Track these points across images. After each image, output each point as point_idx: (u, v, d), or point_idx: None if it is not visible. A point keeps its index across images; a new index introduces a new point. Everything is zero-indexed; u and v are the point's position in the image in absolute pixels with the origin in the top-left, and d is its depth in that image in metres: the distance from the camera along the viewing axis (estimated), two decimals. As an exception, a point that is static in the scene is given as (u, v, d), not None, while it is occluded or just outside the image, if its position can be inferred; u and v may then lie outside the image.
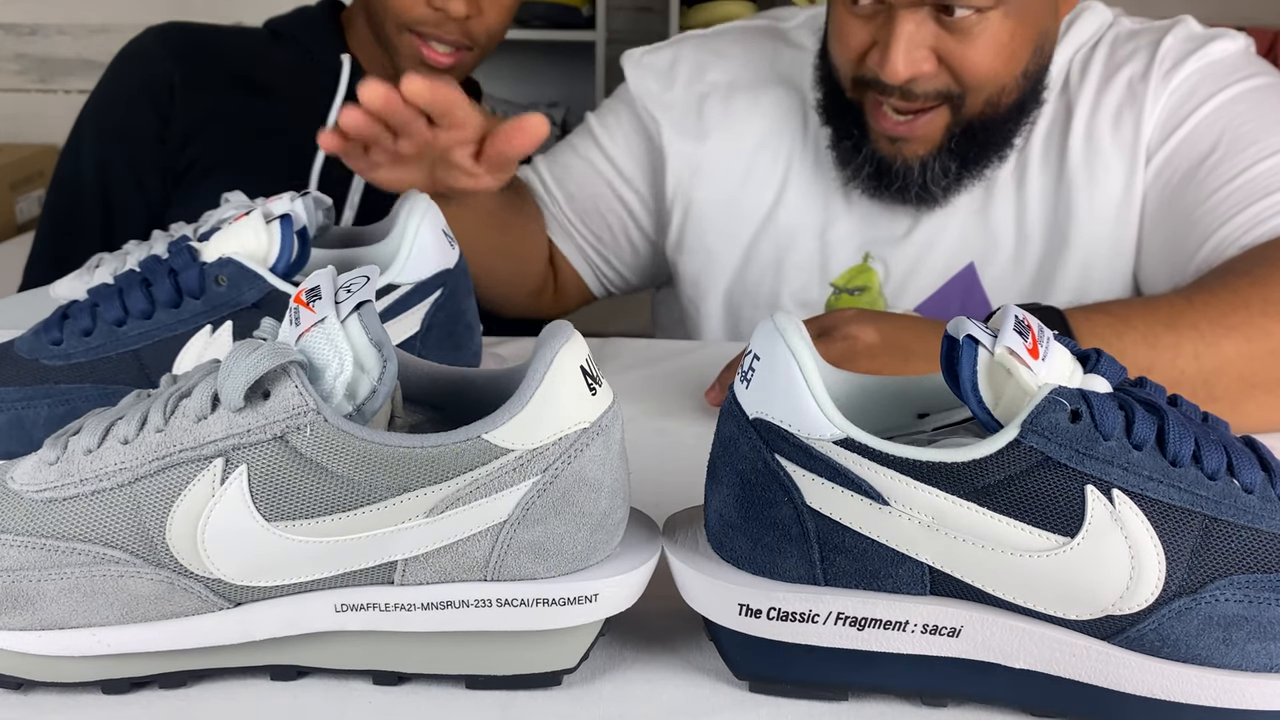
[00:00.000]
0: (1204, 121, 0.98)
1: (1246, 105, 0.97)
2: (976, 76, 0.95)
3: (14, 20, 2.71)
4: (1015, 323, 0.46)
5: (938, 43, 0.93)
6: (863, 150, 1.02)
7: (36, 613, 0.47)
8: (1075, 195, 1.03)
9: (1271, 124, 0.95)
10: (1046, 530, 0.44)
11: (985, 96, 0.96)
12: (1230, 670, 0.44)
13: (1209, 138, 0.97)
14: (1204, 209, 0.94)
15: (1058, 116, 1.05)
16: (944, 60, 0.94)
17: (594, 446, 0.47)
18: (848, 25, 0.97)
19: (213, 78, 1.30)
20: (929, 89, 0.95)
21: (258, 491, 0.45)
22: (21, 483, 0.48)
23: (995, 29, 0.92)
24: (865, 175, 1.03)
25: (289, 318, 0.47)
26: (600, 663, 0.51)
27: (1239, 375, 0.76)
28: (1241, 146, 0.94)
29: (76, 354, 0.67)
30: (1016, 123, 1.02)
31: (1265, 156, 0.93)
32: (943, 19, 0.92)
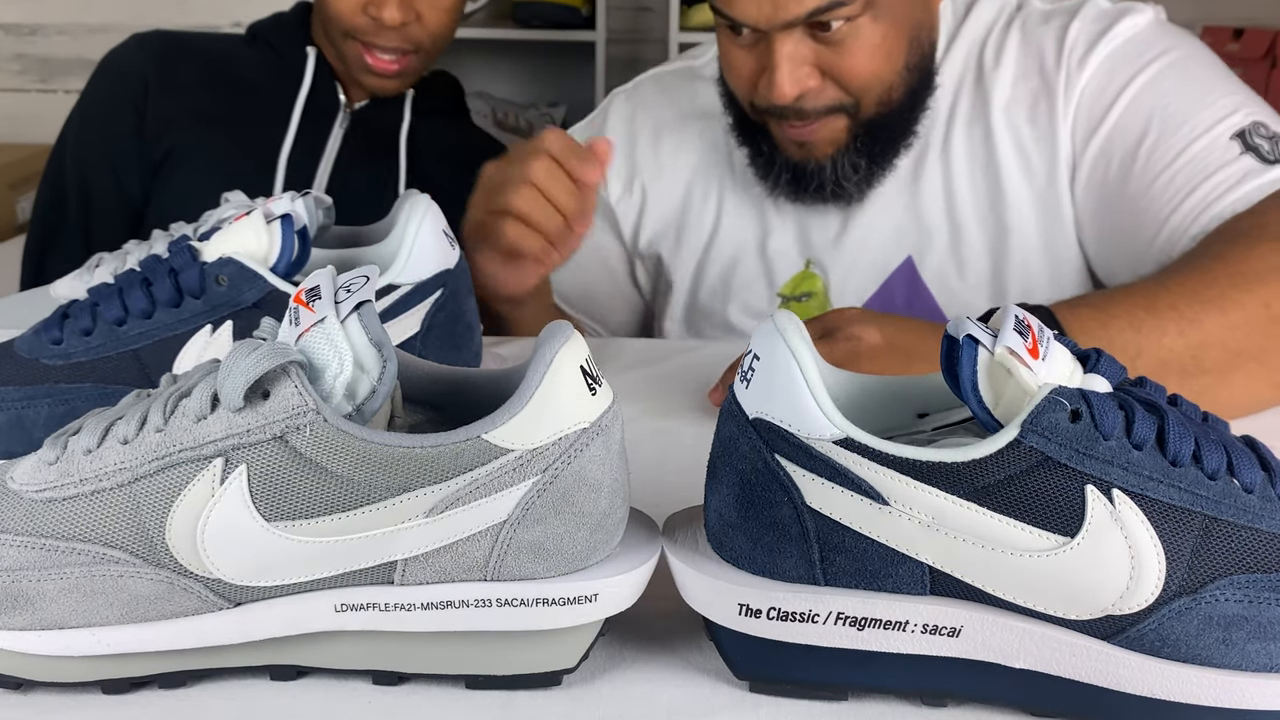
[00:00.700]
0: (1129, 108, 0.99)
1: (1169, 84, 0.98)
2: (860, 82, 0.98)
3: (14, 20, 2.71)
4: (1015, 322, 0.46)
5: (817, 58, 0.96)
6: (776, 161, 1.07)
7: (36, 613, 0.47)
8: (1005, 183, 1.05)
9: (1197, 98, 0.97)
10: (1046, 530, 0.44)
11: (875, 98, 1.00)
12: (1230, 670, 0.44)
13: (1138, 124, 0.98)
14: (1150, 197, 0.95)
15: (977, 105, 1.07)
16: (827, 73, 0.97)
17: (594, 446, 0.47)
18: (734, 56, 1.01)
19: (187, 75, 1.37)
20: (819, 104, 0.99)
21: (257, 491, 0.45)
22: (21, 482, 0.48)
23: (867, 34, 0.96)
24: (784, 182, 1.07)
25: (289, 318, 0.47)
26: (600, 663, 0.51)
27: (1223, 346, 0.77)
28: (1173, 128, 0.96)
29: (77, 353, 0.67)
30: (913, 113, 1.05)
31: (1198, 135, 0.94)
32: (817, 35, 0.95)
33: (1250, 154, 0.92)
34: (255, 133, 1.34)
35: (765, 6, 0.93)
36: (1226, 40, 2.42)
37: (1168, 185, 0.94)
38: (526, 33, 2.69)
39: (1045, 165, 1.04)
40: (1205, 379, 0.77)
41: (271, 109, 1.35)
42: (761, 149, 1.07)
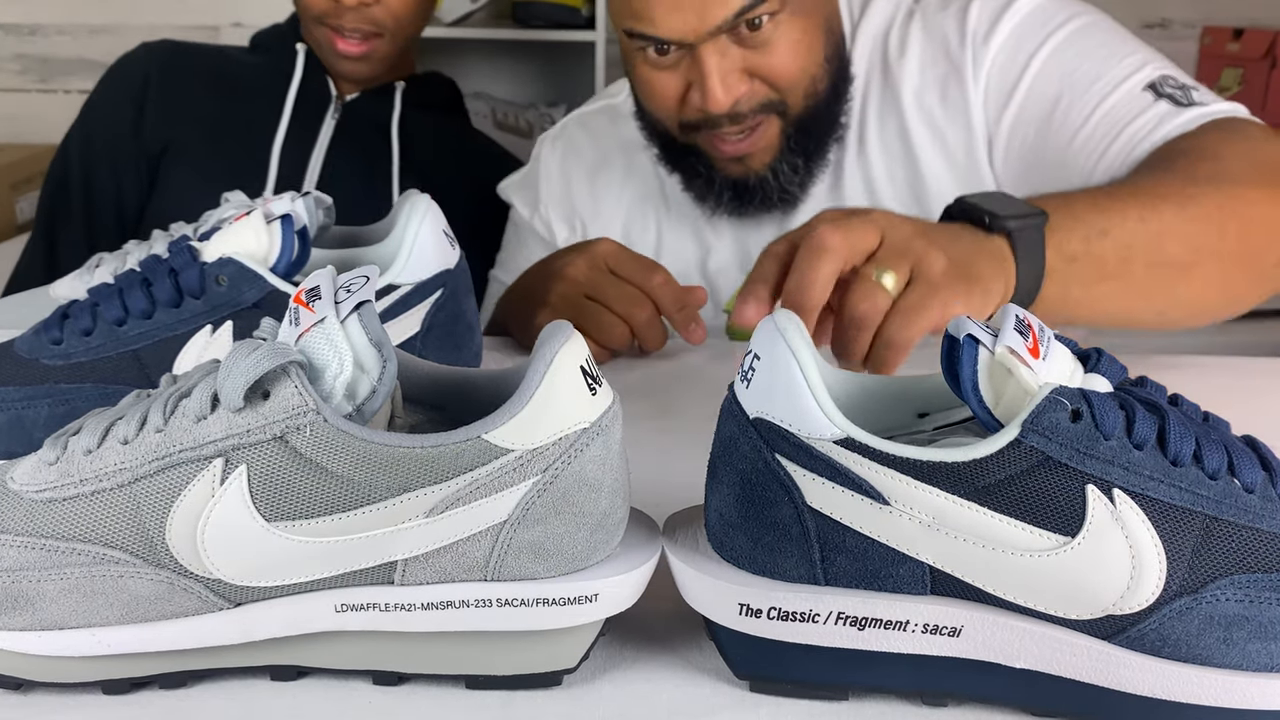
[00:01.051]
0: (1038, 78, 1.01)
1: (1075, 49, 1.00)
2: (788, 78, 0.99)
3: (14, 20, 2.71)
4: (1016, 322, 0.46)
5: (744, 62, 0.98)
6: (715, 180, 1.08)
7: (36, 613, 0.47)
8: (924, 169, 1.07)
9: (1104, 59, 0.98)
10: (1047, 530, 0.44)
11: (802, 93, 1.01)
12: (1231, 670, 0.44)
13: (1050, 89, 1.00)
14: (1071, 154, 0.97)
15: (886, 98, 1.09)
16: (755, 74, 0.99)
17: (594, 446, 0.47)
18: (656, 80, 1.01)
19: (188, 78, 1.42)
20: (753, 105, 1.00)
21: (257, 492, 0.45)
22: (21, 483, 0.48)
23: (787, 30, 0.97)
24: (727, 201, 1.09)
25: (288, 318, 0.47)
26: (600, 662, 0.51)
27: (1183, 238, 0.79)
28: (1084, 87, 0.98)
29: (77, 354, 0.67)
30: (838, 103, 1.07)
31: (1110, 91, 0.96)
32: (741, 36, 0.96)
33: (1164, 101, 0.94)
34: (249, 126, 1.38)
35: (690, 17, 0.93)
36: (1226, 40, 2.42)
37: (1087, 141, 0.96)
38: (526, 33, 2.69)
39: (962, 143, 1.05)
40: (1168, 270, 0.78)
41: (265, 103, 1.39)
42: (698, 170, 1.08)
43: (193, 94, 1.41)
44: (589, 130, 1.24)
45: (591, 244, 0.95)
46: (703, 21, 0.93)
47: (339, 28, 1.33)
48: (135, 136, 1.39)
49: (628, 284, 0.91)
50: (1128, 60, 0.98)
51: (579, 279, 0.93)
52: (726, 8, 0.93)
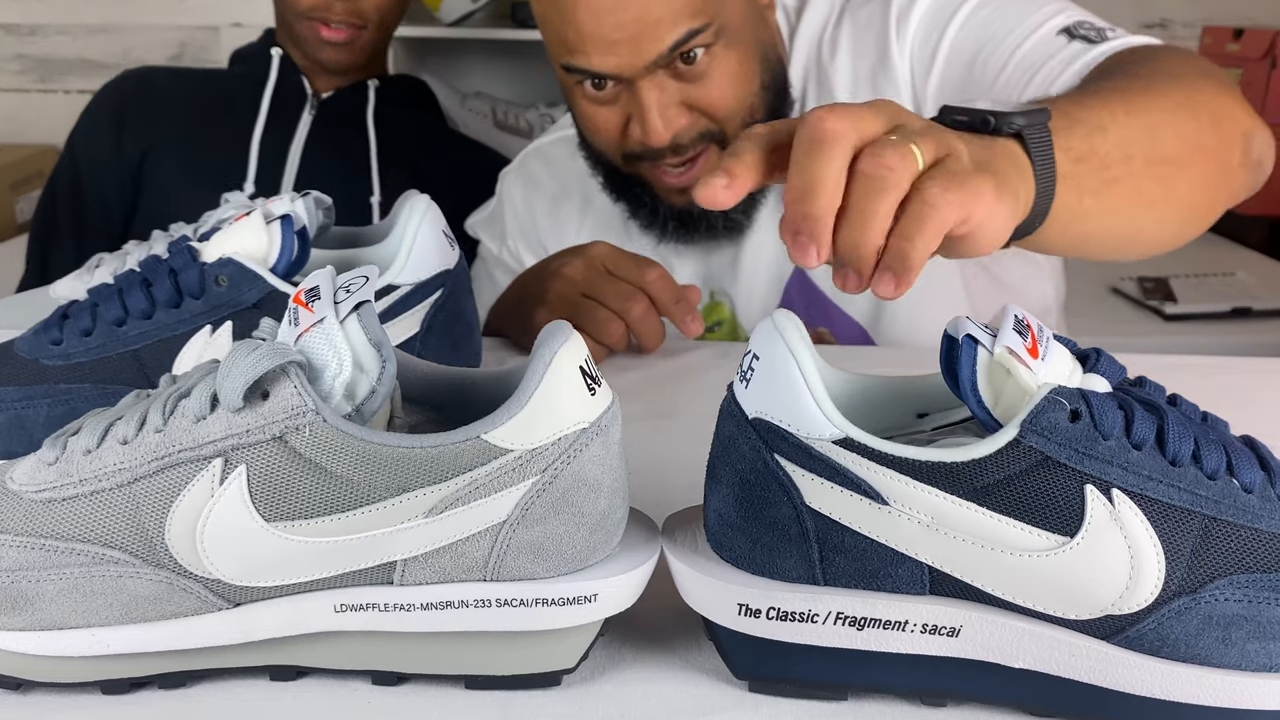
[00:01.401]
0: (957, 38, 1.01)
1: (988, 10, 1.00)
2: (725, 109, 0.99)
3: (14, 20, 2.71)
4: (1015, 322, 0.46)
5: (682, 95, 0.97)
6: (659, 211, 1.07)
7: (36, 613, 0.47)
8: None
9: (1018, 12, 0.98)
10: (1046, 530, 0.44)
11: (740, 122, 1.00)
12: (1230, 670, 0.44)
13: (967, 48, 1.00)
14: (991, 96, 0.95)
15: (822, 99, 1.08)
16: (693, 107, 0.98)
17: (593, 446, 0.47)
18: (596, 113, 1.01)
19: (165, 90, 1.50)
20: (692, 136, 0.99)
21: (257, 492, 0.45)
22: (20, 483, 0.48)
23: (723, 62, 0.97)
24: (673, 230, 1.09)
25: (288, 318, 0.47)
26: (600, 662, 0.51)
27: (1172, 130, 0.75)
28: (999, 39, 0.97)
29: (76, 354, 0.67)
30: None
31: (1025, 38, 0.95)
32: (679, 71, 0.95)
33: (1078, 41, 0.92)
34: (227, 127, 1.44)
35: (625, 53, 0.93)
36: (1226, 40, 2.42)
37: (1005, 85, 0.95)
38: (526, 33, 2.69)
39: None
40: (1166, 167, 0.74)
41: (242, 105, 1.46)
42: (643, 200, 1.08)
43: (171, 103, 1.48)
44: (547, 161, 1.24)
45: (587, 246, 0.96)
46: (638, 57, 0.93)
47: (325, 19, 1.39)
48: (117, 149, 1.46)
49: (623, 281, 0.92)
50: (1043, 10, 0.97)
51: (575, 278, 0.94)
52: (661, 43, 0.92)
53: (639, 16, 0.91)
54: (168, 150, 1.45)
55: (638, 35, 0.92)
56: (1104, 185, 0.69)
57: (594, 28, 0.92)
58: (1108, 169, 0.69)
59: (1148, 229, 0.79)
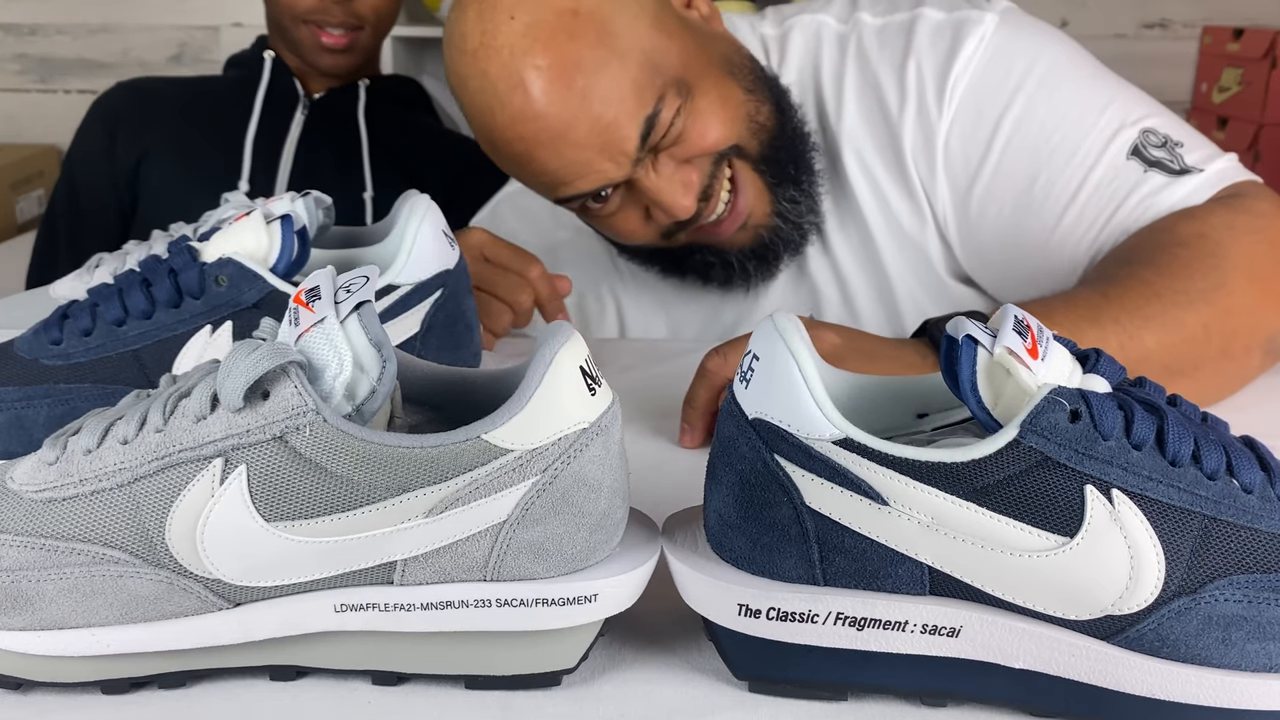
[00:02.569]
0: (1009, 149, 0.93)
1: (1042, 111, 0.93)
2: (725, 141, 0.93)
3: (14, 20, 2.71)
4: (1014, 323, 0.46)
5: (680, 157, 0.92)
6: (732, 260, 1.01)
7: (36, 613, 0.47)
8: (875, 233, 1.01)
9: (1077, 122, 0.92)
10: (1046, 530, 0.44)
11: (749, 133, 0.95)
12: (1230, 670, 0.44)
13: (1023, 165, 0.93)
14: (1058, 236, 0.91)
15: (826, 152, 1.02)
16: (693, 158, 0.92)
17: (593, 446, 0.47)
18: (614, 223, 0.96)
19: (160, 99, 1.53)
20: (708, 174, 0.93)
21: (257, 492, 0.45)
22: (21, 482, 0.48)
23: (698, 109, 0.91)
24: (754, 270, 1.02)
25: (288, 318, 0.47)
26: (600, 663, 0.51)
27: (1161, 365, 0.76)
28: (1063, 161, 0.91)
29: (76, 354, 0.67)
30: (789, 115, 1.00)
31: (1093, 164, 0.90)
32: (663, 146, 0.90)
33: (1154, 170, 0.88)
34: (221, 129, 1.48)
35: (602, 164, 0.88)
36: (1226, 40, 2.42)
37: (1075, 225, 0.90)
38: (526, 33, 2.68)
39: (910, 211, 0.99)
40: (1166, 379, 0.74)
41: (235, 108, 1.48)
42: (711, 262, 1.02)
43: (164, 110, 1.51)
44: (521, 214, 1.18)
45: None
46: (616, 162, 0.89)
47: (323, 23, 1.41)
48: (110, 159, 1.49)
49: (511, 273, 0.94)
50: (1103, 121, 0.91)
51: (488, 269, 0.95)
52: (629, 141, 0.88)
53: (592, 129, 0.86)
54: (162, 155, 1.47)
55: (604, 145, 0.87)
56: None
57: (558, 160, 0.88)
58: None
59: None
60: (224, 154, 1.46)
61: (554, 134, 0.86)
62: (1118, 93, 0.94)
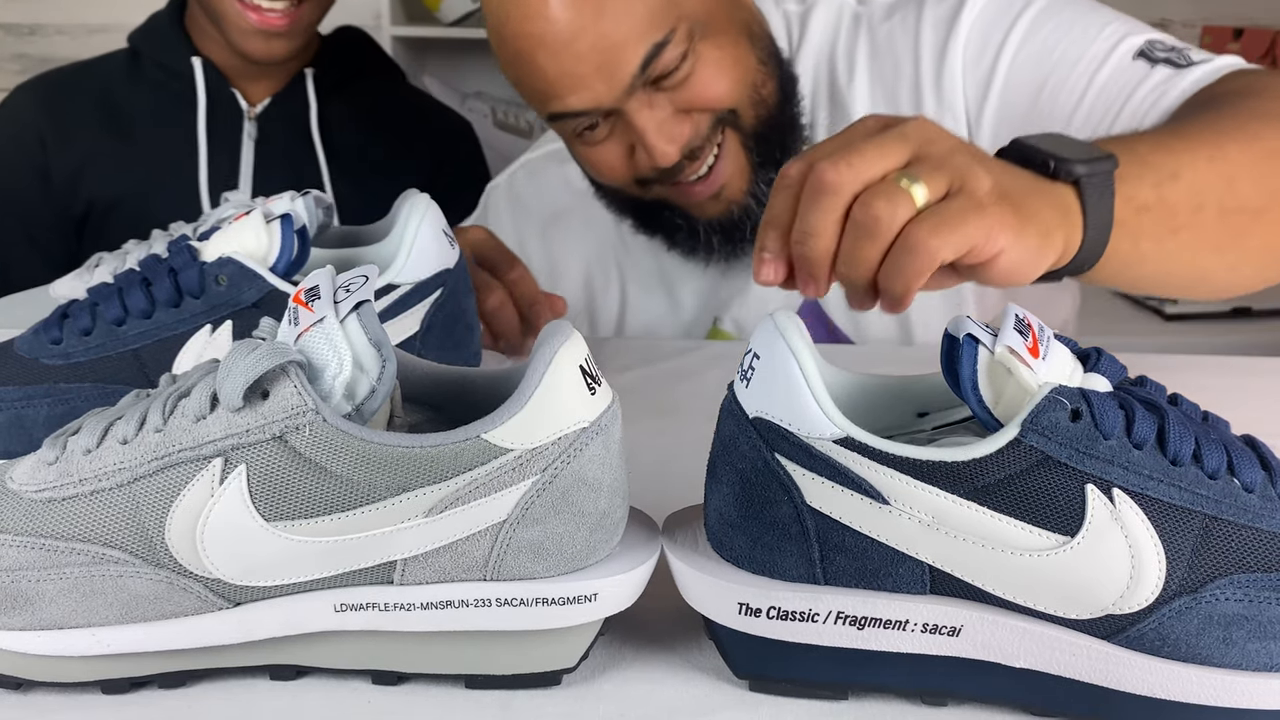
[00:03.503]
0: (1014, 65, 0.95)
1: (1046, 30, 0.95)
2: (727, 99, 0.94)
3: (14, 20, 2.70)
4: (1015, 322, 0.46)
5: (676, 104, 0.92)
6: (699, 229, 1.02)
7: (36, 612, 0.47)
8: None
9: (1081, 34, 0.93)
10: (1047, 529, 0.44)
11: (749, 102, 0.96)
12: (1230, 669, 0.44)
13: (1030, 75, 0.94)
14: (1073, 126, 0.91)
15: (837, 121, 1.03)
16: (691, 110, 0.93)
17: (593, 446, 0.47)
18: (598, 154, 0.96)
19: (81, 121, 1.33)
20: (703, 134, 0.94)
21: (257, 491, 0.45)
22: (20, 482, 0.48)
23: (706, 56, 0.91)
24: (718, 245, 1.02)
25: (288, 317, 0.47)
26: (600, 662, 0.51)
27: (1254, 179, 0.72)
28: (1068, 66, 0.92)
29: (76, 353, 0.67)
30: (791, 102, 1.01)
31: (1099, 66, 0.91)
32: (663, 83, 0.90)
33: (1161, 65, 0.88)
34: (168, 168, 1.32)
35: (598, 85, 0.88)
36: (1226, 40, 2.42)
37: (1087, 117, 0.90)
38: (526, 33, 2.68)
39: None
40: (1241, 217, 0.71)
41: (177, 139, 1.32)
42: (678, 224, 1.02)
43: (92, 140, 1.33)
44: (537, 181, 1.18)
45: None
46: (612, 85, 0.89)
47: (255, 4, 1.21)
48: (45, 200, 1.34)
49: (484, 273, 0.89)
50: (1107, 30, 0.92)
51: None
52: (629, 65, 0.88)
53: (595, 45, 0.87)
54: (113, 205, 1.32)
55: (603, 64, 0.87)
56: (1167, 234, 0.68)
57: (556, 67, 0.88)
58: (1174, 218, 0.68)
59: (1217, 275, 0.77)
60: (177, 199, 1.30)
61: (559, 40, 0.87)
62: (1120, 16, 0.96)
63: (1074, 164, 0.62)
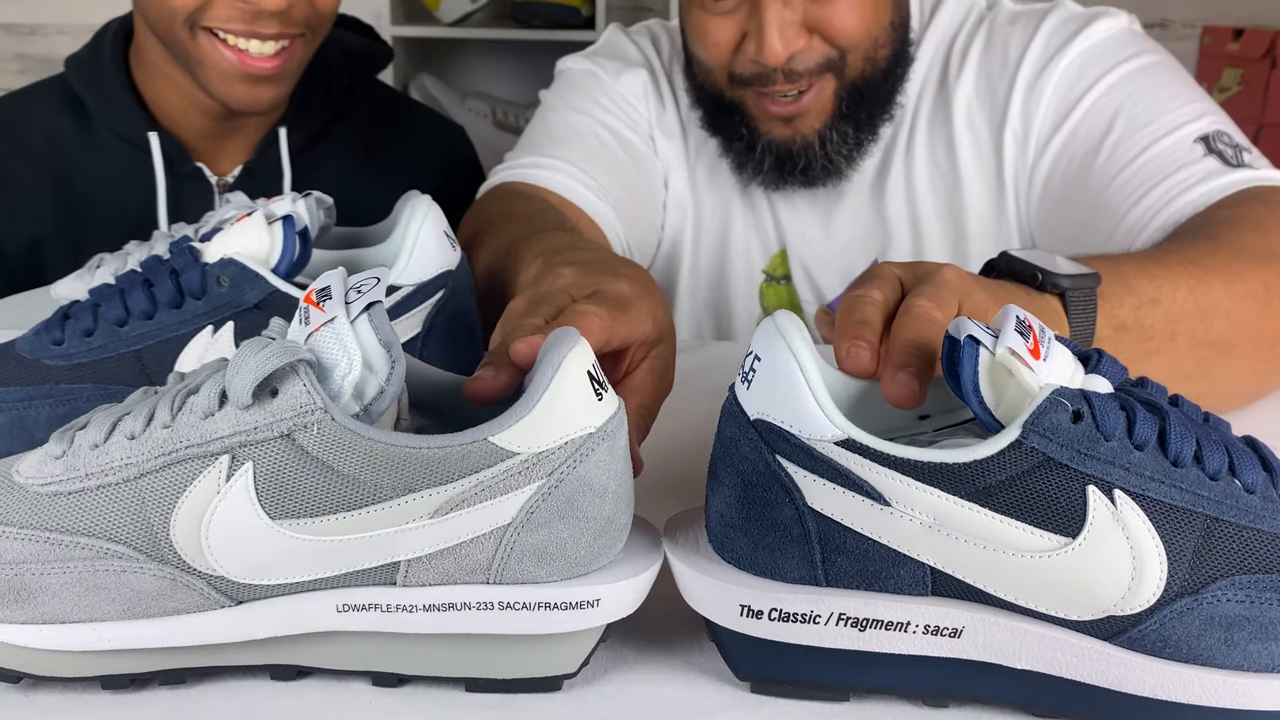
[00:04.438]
0: (1096, 104, 0.98)
1: (1137, 85, 0.97)
2: (851, 36, 0.96)
3: (14, 20, 2.71)
4: (1016, 323, 0.46)
5: (806, 15, 0.94)
6: (757, 145, 1.03)
7: (38, 607, 0.47)
8: (965, 190, 1.04)
9: (1163, 102, 0.95)
10: (1048, 531, 0.44)
11: (863, 54, 0.98)
12: (1232, 671, 0.44)
13: (1103, 120, 0.97)
14: (1110, 192, 0.94)
15: (939, 108, 1.06)
16: (815, 29, 0.95)
17: (599, 451, 0.47)
18: (711, 26, 0.98)
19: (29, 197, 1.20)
20: (810, 63, 0.96)
21: (263, 489, 0.45)
22: (27, 476, 0.48)
23: None
24: (768, 168, 1.04)
25: (298, 316, 0.47)
26: (601, 663, 0.51)
27: (1228, 317, 0.74)
28: (1138, 126, 0.95)
29: (78, 354, 0.67)
30: (896, 78, 1.04)
31: (1162, 135, 0.93)
32: None
33: (1213, 157, 0.90)
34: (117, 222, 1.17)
35: None
36: (1226, 40, 2.42)
37: (1128, 181, 0.93)
38: (526, 33, 2.70)
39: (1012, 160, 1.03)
40: (1210, 351, 0.73)
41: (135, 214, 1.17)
42: (740, 132, 1.04)
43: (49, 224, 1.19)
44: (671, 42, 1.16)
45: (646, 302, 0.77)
46: None
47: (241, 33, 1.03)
48: None
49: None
50: (1187, 108, 0.95)
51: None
52: None
53: None
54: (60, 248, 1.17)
55: None
56: (1141, 355, 0.70)
57: None
58: (1149, 340, 0.70)
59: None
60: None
61: None
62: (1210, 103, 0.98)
63: (1060, 278, 0.66)
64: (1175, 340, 0.71)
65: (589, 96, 1.13)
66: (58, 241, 1.21)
